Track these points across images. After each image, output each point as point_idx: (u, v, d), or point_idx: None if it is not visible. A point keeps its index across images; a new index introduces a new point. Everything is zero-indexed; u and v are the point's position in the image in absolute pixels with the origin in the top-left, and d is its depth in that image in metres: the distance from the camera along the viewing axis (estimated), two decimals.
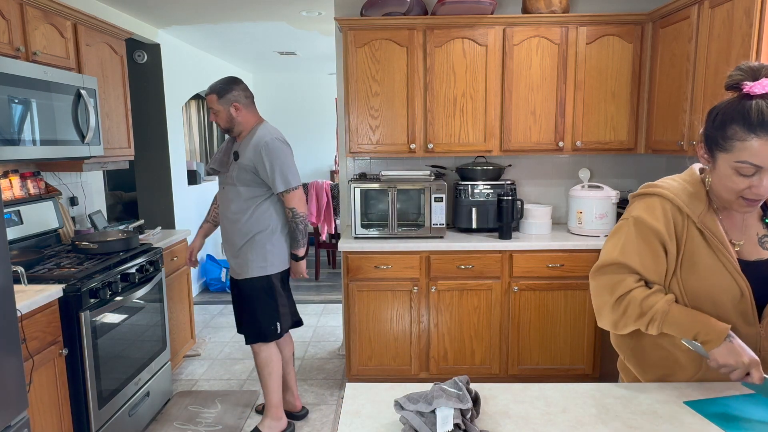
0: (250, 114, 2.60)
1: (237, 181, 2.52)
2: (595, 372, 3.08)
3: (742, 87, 1.15)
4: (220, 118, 2.57)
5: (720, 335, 1.17)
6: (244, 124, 2.58)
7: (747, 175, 1.14)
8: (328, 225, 5.56)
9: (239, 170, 2.52)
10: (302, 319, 2.87)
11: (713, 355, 1.17)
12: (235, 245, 2.58)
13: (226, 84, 2.56)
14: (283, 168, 2.49)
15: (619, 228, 1.33)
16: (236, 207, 2.55)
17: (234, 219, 2.56)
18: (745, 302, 1.23)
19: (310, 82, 7.42)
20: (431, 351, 3.06)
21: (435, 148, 3.15)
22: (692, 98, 2.58)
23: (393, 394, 1.21)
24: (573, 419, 1.12)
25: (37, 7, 2.45)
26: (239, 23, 4.38)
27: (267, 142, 2.50)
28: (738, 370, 1.14)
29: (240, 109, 2.56)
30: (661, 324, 1.23)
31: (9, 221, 2.55)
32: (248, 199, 2.54)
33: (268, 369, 2.66)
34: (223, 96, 2.53)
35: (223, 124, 2.58)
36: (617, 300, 1.28)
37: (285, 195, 2.51)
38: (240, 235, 2.56)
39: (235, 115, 2.55)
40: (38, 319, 2.04)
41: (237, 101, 2.55)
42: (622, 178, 3.52)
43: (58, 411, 2.16)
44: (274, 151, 2.49)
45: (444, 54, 3.07)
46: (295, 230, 2.57)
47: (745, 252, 1.27)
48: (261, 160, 2.47)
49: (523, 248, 2.97)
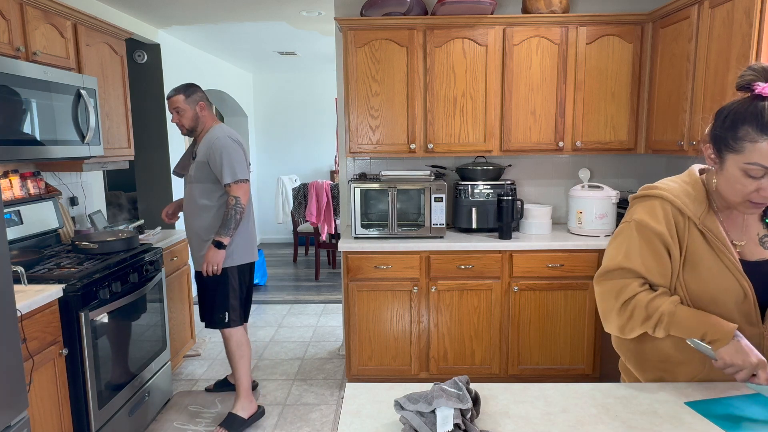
0: (210, 115, 2.80)
1: (195, 178, 2.70)
2: (595, 372, 3.08)
3: (754, 88, 1.13)
4: (185, 117, 2.73)
5: (728, 335, 1.16)
6: (205, 124, 2.77)
7: (756, 177, 1.13)
8: (328, 225, 5.56)
9: (196, 168, 2.70)
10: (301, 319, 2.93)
11: (721, 354, 1.16)
12: (200, 238, 2.74)
13: (190, 86, 2.77)
14: (231, 161, 2.62)
15: (621, 231, 1.33)
16: (197, 203, 2.71)
17: (196, 215, 2.73)
18: (748, 303, 1.23)
19: (310, 82, 7.42)
20: (431, 351, 3.06)
21: (435, 148, 3.15)
22: (692, 98, 2.58)
23: (393, 394, 1.21)
24: (573, 419, 1.12)
25: (37, 7, 2.45)
26: (239, 23, 4.37)
27: (219, 137, 2.66)
28: (744, 371, 1.13)
29: (204, 108, 2.76)
30: (668, 326, 1.23)
31: (9, 221, 2.55)
32: (207, 195, 2.70)
33: (240, 353, 2.83)
34: (190, 96, 2.73)
35: (188, 123, 2.74)
36: (623, 304, 1.27)
37: (232, 185, 2.62)
38: (203, 230, 2.72)
39: (201, 114, 2.75)
40: (38, 319, 2.03)
41: (202, 101, 2.76)
42: (622, 178, 3.52)
43: (58, 411, 2.16)
44: (225, 146, 2.64)
45: (444, 54, 3.07)
46: (230, 217, 2.62)
47: (747, 252, 1.27)
48: (212, 154, 2.63)
49: (523, 248, 2.97)
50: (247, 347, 2.86)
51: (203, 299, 2.81)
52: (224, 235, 2.62)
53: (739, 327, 1.24)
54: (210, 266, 2.66)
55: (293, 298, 5.07)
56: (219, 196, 2.70)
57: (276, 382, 3.34)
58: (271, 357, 3.73)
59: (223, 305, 2.77)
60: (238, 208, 2.63)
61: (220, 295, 2.76)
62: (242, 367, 2.82)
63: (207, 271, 2.66)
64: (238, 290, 2.81)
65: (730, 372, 1.15)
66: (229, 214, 2.62)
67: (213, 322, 2.80)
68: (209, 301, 2.78)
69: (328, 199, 5.52)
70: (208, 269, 2.66)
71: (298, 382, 3.33)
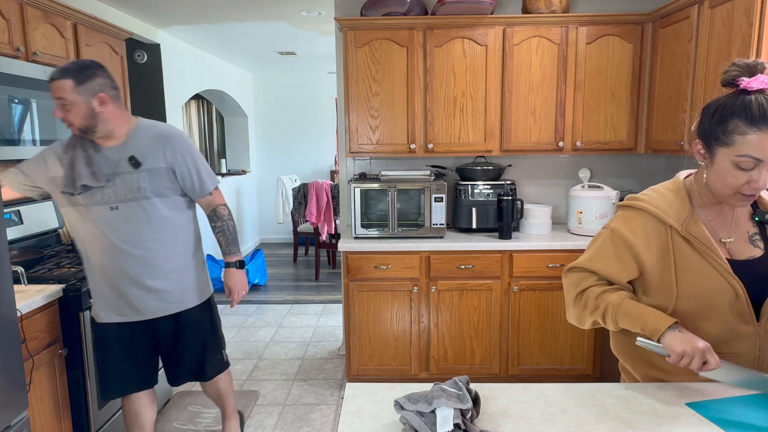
0: (120, 109, 1.98)
1: (151, 192, 1.97)
2: (595, 372, 3.08)
3: (739, 83, 1.16)
4: (73, 114, 1.87)
5: (665, 323, 1.19)
6: (114, 122, 1.95)
7: (747, 168, 1.15)
8: (328, 225, 5.56)
9: (151, 179, 1.97)
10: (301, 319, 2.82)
11: (668, 344, 1.17)
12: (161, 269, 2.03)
13: (87, 68, 1.89)
14: (205, 164, 2.11)
15: (598, 236, 1.40)
16: (164, 224, 2.02)
17: (159, 240, 2.02)
18: (740, 302, 1.23)
19: (310, 82, 7.42)
20: (431, 351, 3.06)
21: (435, 148, 3.15)
22: (692, 98, 2.58)
23: (393, 394, 1.22)
24: (573, 419, 1.12)
25: (37, 7, 2.45)
26: (239, 23, 4.37)
27: (179, 135, 2.05)
28: (696, 357, 1.14)
29: (106, 103, 1.91)
30: (615, 316, 1.28)
31: (9, 221, 2.55)
32: (168, 213, 2.03)
33: (231, 380, 2.41)
34: (84, 83, 1.86)
35: (78, 121, 1.88)
36: (578, 294, 1.37)
37: (214, 192, 2.14)
38: (167, 258, 2.04)
39: (99, 111, 1.89)
40: (38, 319, 2.04)
41: (102, 91, 1.90)
42: (622, 178, 3.52)
43: (58, 411, 2.16)
44: (191, 146, 2.07)
45: (444, 54, 3.07)
46: (233, 230, 2.18)
47: (737, 250, 1.28)
48: (180, 158, 2.01)
49: (523, 248, 2.97)
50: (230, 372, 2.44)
51: (190, 348, 2.16)
52: (238, 252, 2.20)
53: (735, 326, 1.25)
54: (241, 293, 2.21)
55: (293, 298, 5.08)
56: (183, 210, 2.10)
57: (276, 382, 3.34)
58: (271, 357, 3.73)
59: (218, 342, 2.27)
60: (232, 216, 2.20)
61: (213, 330, 2.23)
62: (233, 395, 2.44)
63: (239, 299, 2.22)
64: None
65: (684, 364, 1.16)
66: (229, 226, 2.17)
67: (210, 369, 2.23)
68: (201, 346, 2.19)
69: (328, 199, 5.52)
70: (240, 297, 2.21)
71: (298, 382, 3.34)
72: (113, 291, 2.02)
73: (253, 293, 5.25)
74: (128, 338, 2.08)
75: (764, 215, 1.29)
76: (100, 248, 1.98)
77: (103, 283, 2.03)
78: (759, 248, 1.28)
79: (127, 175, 1.96)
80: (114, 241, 1.97)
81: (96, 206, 1.96)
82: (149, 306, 2.04)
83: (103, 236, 1.97)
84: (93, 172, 1.93)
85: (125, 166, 1.96)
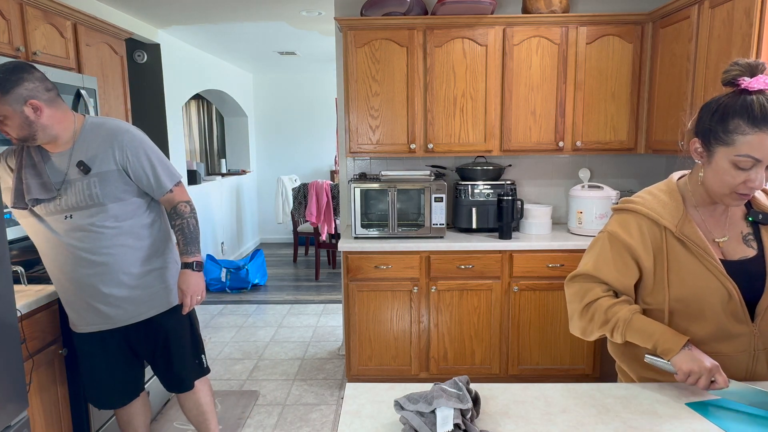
0: (60, 111, 1.83)
1: (104, 198, 1.85)
2: (595, 372, 3.08)
3: (740, 83, 1.16)
4: (8, 126, 1.74)
5: (678, 343, 1.19)
6: (56, 127, 1.81)
7: (745, 168, 1.15)
8: (328, 225, 5.56)
9: (102, 184, 1.84)
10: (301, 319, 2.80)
11: (676, 363, 1.18)
12: (125, 275, 1.93)
13: (11, 73, 1.71)
14: (161, 159, 1.95)
15: (596, 241, 1.39)
16: (114, 233, 1.89)
17: (121, 247, 1.90)
18: (734, 303, 1.24)
19: (310, 82, 7.42)
20: (431, 351, 3.06)
21: (435, 148, 3.15)
22: (692, 98, 2.58)
23: (393, 394, 1.22)
24: (573, 419, 1.12)
25: (37, 7, 2.45)
26: (239, 23, 4.37)
27: (128, 130, 1.91)
28: (703, 377, 1.14)
29: (41, 109, 1.75)
30: (624, 331, 1.26)
31: (9, 221, 2.55)
32: (132, 214, 1.92)
33: (212, 396, 2.29)
34: (9, 92, 1.69)
35: (17, 132, 1.75)
36: (585, 307, 1.33)
37: (174, 189, 1.97)
38: (131, 263, 1.93)
39: (34, 118, 1.75)
40: (38, 319, 2.03)
41: (33, 97, 1.74)
42: (622, 178, 3.52)
43: (58, 411, 2.16)
44: (143, 141, 1.92)
45: (444, 54, 3.07)
46: (194, 227, 1.99)
47: (730, 250, 1.28)
48: (132, 156, 1.87)
49: (523, 248, 2.97)
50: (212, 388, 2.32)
51: (165, 355, 2.07)
52: (197, 252, 1.99)
53: (728, 326, 1.25)
54: (195, 297, 1.99)
55: (293, 298, 5.07)
56: (144, 212, 1.97)
57: (276, 382, 3.34)
58: (271, 357, 3.73)
59: (196, 346, 2.15)
60: (195, 214, 2.01)
61: (188, 334, 2.11)
62: (215, 415, 2.30)
63: (192, 304, 2.00)
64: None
65: (691, 382, 1.16)
66: (190, 224, 1.98)
67: (189, 376, 2.13)
68: (178, 352, 2.08)
69: (328, 199, 5.52)
70: (193, 301, 1.99)
71: (298, 382, 3.34)
72: (81, 300, 1.94)
73: (253, 293, 5.25)
74: (105, 348, 2.01)
75: (758, 215, 1.29)
76: (62, 257, 1.89)
77: (70, 292, 1.95)
78: (752, 248, 1.28)
79: (78, 183, 1.84)
80: (74, 251, 1.87)
81: (50, 216, 1.87)
82: (118, 313, 1.96)
83: (62, 245, 1.88)
84: (42, 183, 1.82)
85: (74, 173, 1.84)
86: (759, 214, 1.29)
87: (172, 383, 2.14)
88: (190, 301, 1.98)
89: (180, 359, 2.09)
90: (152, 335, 2.04)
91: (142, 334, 2.03)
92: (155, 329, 2.03)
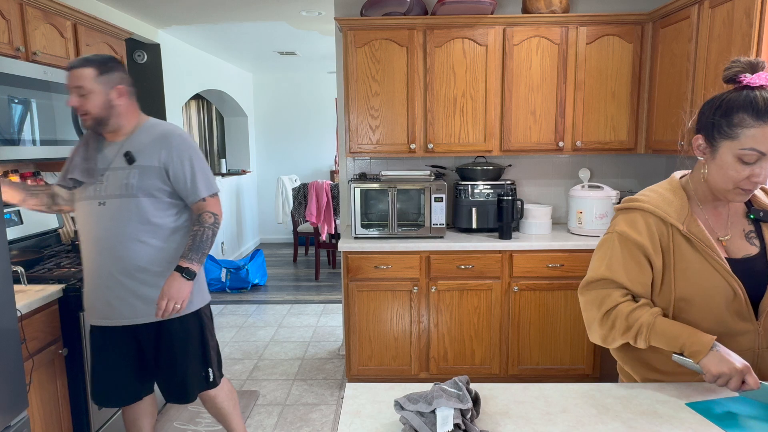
0: (133, 106, 2.00)
1: (138, 191, 1.90)
2: (595, 372, 3.08)
3: (741, 79, 1.17)
4: (91, 102, 1.87)
5: (706, 345, 1.16)
6: (126, 117, 1.96)
7: (750, 162, 1.16)
8: (328, 225, 5.56)
9: (141, 176, 1.90)
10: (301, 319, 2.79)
11: (705, 366, 1.15)
12: (150, 274, 1.94)
13: (109, 60, 1.92)
14: (204, 168, 2.00)
15: (604, 242, 1.35)
16: (145, 225, 1.92)
17: (140, 241, 1.92)
18: (738, 301, 1.23)
19: (310, 82, 7.42)
20: (431, 351, 3.06)
21: (435, 148, 3.15)
22: (692, 98, 2.58)
23: (393, 394, 1.21)
24: (573, 419, 1.12)
25: (37, 7, 2.45)
26: (239, 23, 4.38)
27: (180, 135, 1.98)
28: (734, 378, 1.12)
29: (124, 95, 1.94)
30: (648, 336, 1.24)
31: (9, 221, 2.55)
32: (160, 213, 1.95)
33: (233, 401, 2.26)
34: (106, 74, 1.89)
35: (95, 111, 1.88)
36: (605, 314, 1.29)
37: (208, 199, 1.99)
38: (155, 261, 1.94)
39: (116, 102, 1.91)
40: (38, 319, 2.04)
41: (122, 84, 1.93)
42: (622, 178, 3.52)
43: (58, 411, 2.16)
44: (192, 148, 1.98)
45: (444, 54, 3.07)
46: (207, 238, 1.97)
47: (734, 249, 1.28)
48: (174, 157, 1.93)
49: (523, 248, 2.97)
50: (234, 391, 2.31)
51: (169, 361, 2.03)
52: (196, 261, 1.94)
53: (732, 324, 1.24)
54: (172, 303, 1.91)
55: (293, 298, 5.07)
56: (174, 214, 1.99)
57: (276, 382, 3.34)
58: (271, 357, 3.73)
59: (206, 359, 2.09)
60: (216, 228, 2.00)
61: (197, 344, 2.07)
62: (238, 415, 2.29)
63: (168, 310, 1.92)
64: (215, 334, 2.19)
65: (721, 383, 1.14)
66: (205, 234, 1.96)
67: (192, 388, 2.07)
68: (183, 361, 2.03)
69: (328, 199, 5.52)
70: (169, 307, 1.91)
71: (298, 382, 3.34)
72: (96, 290, 1.96)
73: (253, 293, 5.25)
74: (113, 345, 2.00)
75: (759, 213, 1.30)
76: (87, 244, 1.95)
77: (88, 280, 1.99)
78: (755, 246, 1.28)
79: (119, 171, 1.91)
80: (98, 238, 1.92)
81: (86, 201, 1.94)
82: (129, 309, 1.95)
83: (90, 232, 1.93)
84: (87, 169, 1.92)
85: (120, 162, 1.92)
86: (760, 211, 1.30)
87: (172, 392, 2.08)
88: (165, 305, 1.91)
89: (183, 368, 2.04)
90: (159, 339, 2.02)
91: (150, 337, 2.02)
92: (162, 334, 2.01)
